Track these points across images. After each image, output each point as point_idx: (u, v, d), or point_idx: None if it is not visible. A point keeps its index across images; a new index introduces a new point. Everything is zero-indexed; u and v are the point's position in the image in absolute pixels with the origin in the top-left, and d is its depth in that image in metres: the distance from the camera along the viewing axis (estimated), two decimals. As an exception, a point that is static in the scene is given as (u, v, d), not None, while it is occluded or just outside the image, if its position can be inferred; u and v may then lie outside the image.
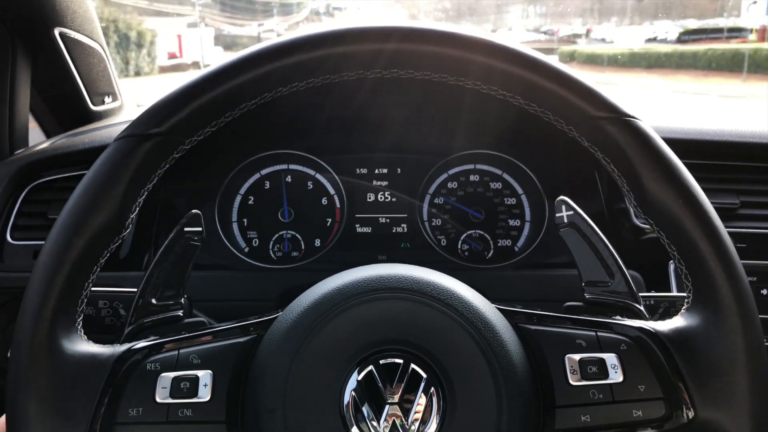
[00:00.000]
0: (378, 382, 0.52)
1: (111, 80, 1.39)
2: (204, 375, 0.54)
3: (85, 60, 1.26)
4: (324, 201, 1.11)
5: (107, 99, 1.38)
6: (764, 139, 1.00)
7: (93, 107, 1.31)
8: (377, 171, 1.12)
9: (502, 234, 1.09)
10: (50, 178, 1.03)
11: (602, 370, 0.54)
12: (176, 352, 0.55)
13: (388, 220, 1.10)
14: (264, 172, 1.11)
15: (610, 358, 0.55)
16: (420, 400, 0.52)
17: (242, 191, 1.10)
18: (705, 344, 0.53)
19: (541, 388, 0.55)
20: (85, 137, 1.09)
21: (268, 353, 0.54)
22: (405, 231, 1.10)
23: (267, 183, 1.11)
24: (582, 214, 0.64)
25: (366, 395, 0.52)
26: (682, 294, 0.57)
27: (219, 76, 0.54)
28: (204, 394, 0.53)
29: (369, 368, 0.52)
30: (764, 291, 0.93)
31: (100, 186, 0.53)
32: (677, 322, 0.56)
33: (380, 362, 0.53)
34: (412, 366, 0.52)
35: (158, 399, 0.52)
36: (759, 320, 0.53)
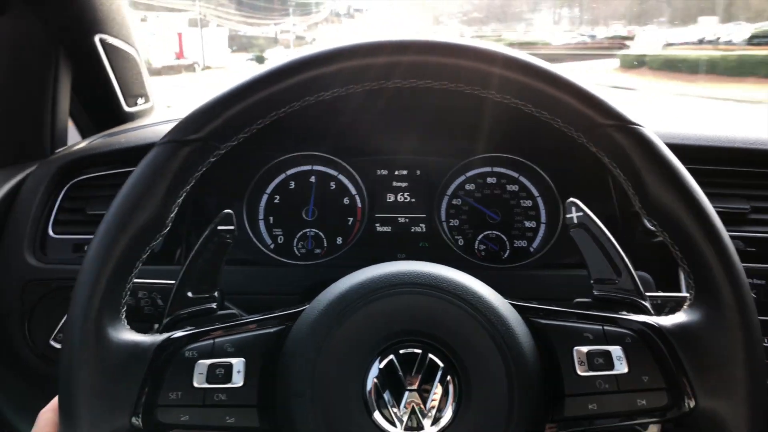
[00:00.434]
0: (398, 371, 0.55)
1: (143, 82, 1.44)
2: (237, 362, 0.57)
3: (121, 64, 1.31)
4: (346, 201, 1.14)
5: (140, 101, 1.43)
6: None
7: (127, 108, 1.36)
8: (397, 172, 1.14)
9: (518, 235, 1.12)
10: (89, 176, 1.08)
11: (608, 362, 0.57)
12: (212, 341, 0.58)
13: (408, 220, 1.13)
14: (289, 173, 1.15)
15: (616, 351, 0.57)
16: (437, 388, 0.54)
17: (269, 190, 1.14)
18: (706, 338, 0.56)
19: (551, 378, 0.58)
20: (121, 137, 1.14)
21: (297, 342, 0.57)
22: (423, 231, 1.13)
23: (292, 183, 1.14)
24: (591, 215, 0.66)
25: (387, 382, 0.55)
26: (687, 294, 0.60)
27: (251, 87, 0.58)
28: (237, 380, 0.56)
29: (390, 357, 0.55)
30: None
31: (144, 187, 0.57)
32: (680, 318, 0.58)
33: (400, 352, 0.55)
34: (430, 356, 0.55)
35: (196, 384, 0.56)
36: (757, 316, 0.55)
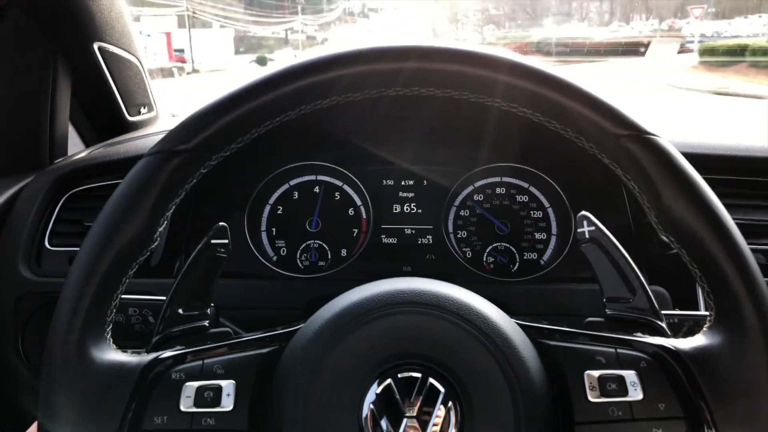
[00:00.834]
0: (396, 396, 0.52)
1: (147, 91, 1.43)
2: (227, 385, 0.55)
3: (123, 72, 1.30)
4: (351, 212, 1.12)
5: (143, 110, 1.42)
6: None
7: (129, 117, 1.35)
8: (403, 182, 1.12)
9: (528, 247, 1.09)
10: (87, 187, 1.07)
11: (622, 388, 0.54)
12: (201, 362, 0.56)
13: (414, 232, 1.11)
14: (293, 183, 1.12)
15: (630, 376, 0.54)
16: (437, 415, 0.52)
17: (271, 201, 1.12)
18: (727, 363, 0.52)
19: (560, 405, 0.55)
20: (121, 147, 1.13)
21: (290, 365, 0.55)
22: (430, 242, 1.10)
23: (296, 193, 1.12)
24: (603, 230, 0.64)
25: (384, 409, 0.52)
26: (707, 313, 0.56)
27: (244, 95, 0.56)
28: (227, 404, 0.54)
29: (388, 381, 0.53)
30: None
31: (130, 201, 0.55)
32: (699, 340, 0.55)
33: (399, 376, 0.53)
34: (430, 380, 0.53)
35: (183, 408, 0.54)
36: None
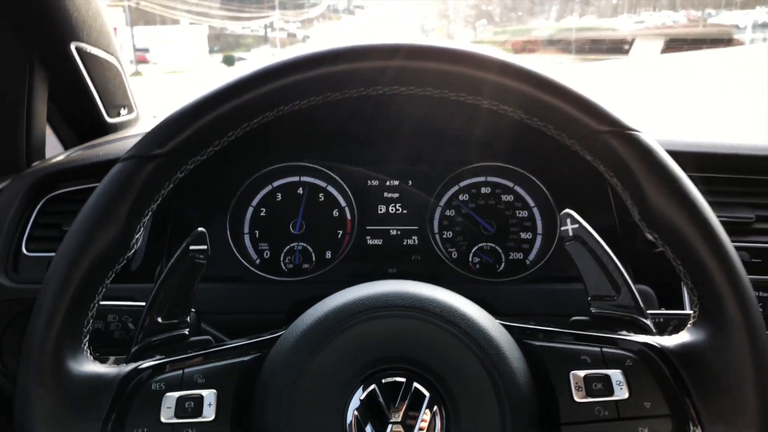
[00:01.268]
0: (381, 401, 0.52)
1: (126, 93, 1.41)
2: (208, 394, 0.54)
3: (101, 73, 1.28)
4: (335, 213, 1.11)
5: (123, 111, 1.40)
6: None
7: (109, 119, 1.33)
8: (388, 183, 1.12)
9: (514, 247, 1.09)
10: (66, 190, 1.05)
11: (607, 387, 0.54)
12: (181, 372, 0.55)
13: (399, 233, 1.10)
14: (276, 184, 1.11)
15: (616, 375, 0.54)
16: (423, 420, 0.51)
17: (254, 203, 1.11)
18: (712, 359, 0.52)
19: (546, 405, 0.55)
20: (100, 150, 1.11)
21: (272, 372, 0.54)
22: (416, 243, 1.10)
23: (279, 195, 1.11)
24: (587, 227, 0.63)
25: (369, 414, 0.51)
26: (692, 311, 0.56)
27: (219, 97, 0.55)
28: (208, 414, 0.53)
29: (372, 387, 0.52)
30: None
31: (104, 208, 0.54)
32: (683, 337, 0.55)
33: (383, 381, 0.52)
34: (415, 384, 0.52)
35: (163, 419, 0.53)
36: (766, 334, 0.52)
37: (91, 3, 1.19)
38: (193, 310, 0.64)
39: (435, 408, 0.52)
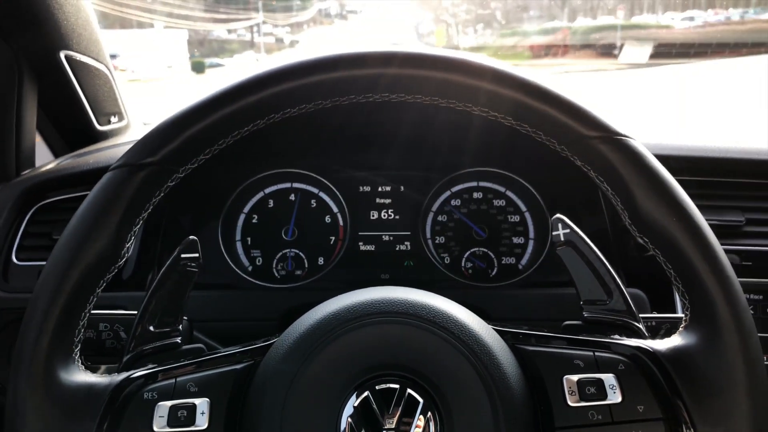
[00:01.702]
0: (375, 408, 0.51)
1: (117, 100, 1.40)
2: (201, 403, 0.53)
3: (91, 81, 1.27)
4: (327, 219, 1.11)
5: (113, 119, 1.39)
6: None
7: (99, 127, 1.32)
8: (380, 189, 1.12)
9: (506, 252, 1.09)
10: (55, 199, 1.04)
11: (601, 391, 0.54)
12: (173, 381, 0.55)
13: (392, 238, 1.10)
14: (268, 191, 1.11)
15: (609, 379, 0.54)
16: (417, 425, 0.51)
17: (246, 210, 1.10)
18: (703, 362, 0.53)
19: (540, 410, 0.55)
20: (90, 158, 1.10)
21: (265, 380, 0.54)
22: (408, 249, 1.10)
23: (271, 201, 1.11)
24: (578, 232, 0.63)
25: (363, 421, 0.51)
26: (683, 315, 0.57)
27: (211, 105, 0.54)
28: (201, 423, 0.53)
29: (365, 394, 0.52)
30: None
31: (95, 217, 0.54)
32: (675, 341, 0.55)
33: (376, 388, 0.52)
34: (409, 391, 0.52)
35: (155, 428, 0.52)
36: (757, 337, 0.52)
37: (81, 11, 1.19)
38: (185, 318, 0.64)
39: (429, 414, 0.51)
